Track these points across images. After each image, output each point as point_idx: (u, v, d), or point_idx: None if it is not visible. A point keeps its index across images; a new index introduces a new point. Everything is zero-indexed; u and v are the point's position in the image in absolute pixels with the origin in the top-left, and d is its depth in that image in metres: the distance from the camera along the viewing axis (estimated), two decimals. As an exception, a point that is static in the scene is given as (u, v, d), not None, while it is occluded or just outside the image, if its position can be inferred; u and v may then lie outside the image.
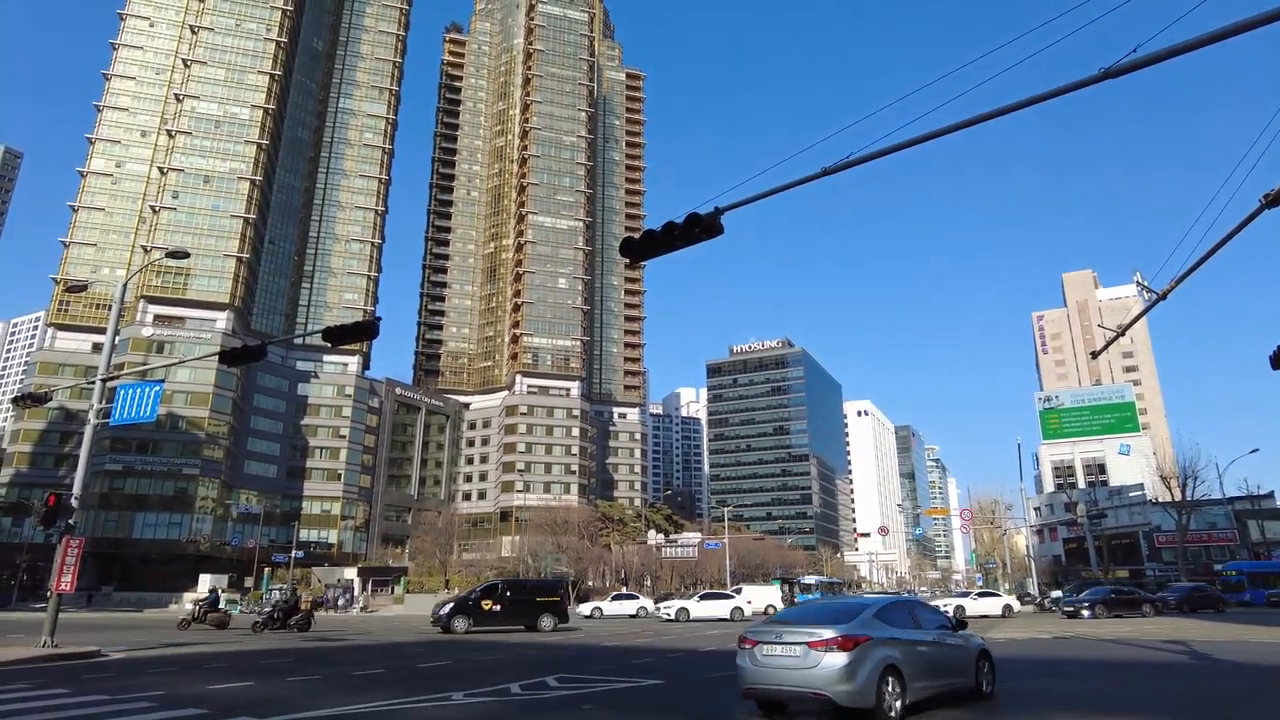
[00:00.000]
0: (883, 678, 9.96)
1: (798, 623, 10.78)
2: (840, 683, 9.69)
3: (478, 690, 13.88)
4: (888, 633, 10.62)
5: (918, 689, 10.60)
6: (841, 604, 11.95)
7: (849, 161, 11.20)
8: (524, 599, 35.83)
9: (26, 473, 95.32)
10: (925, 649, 11.26)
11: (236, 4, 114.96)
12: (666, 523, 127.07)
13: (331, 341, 18.89)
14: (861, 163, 11.16)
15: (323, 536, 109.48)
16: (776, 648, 10.35)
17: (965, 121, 10.38)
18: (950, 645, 11.99)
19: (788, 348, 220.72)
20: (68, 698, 13.22)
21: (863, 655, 9.88)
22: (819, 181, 11.61)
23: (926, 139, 10.61)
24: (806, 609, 12.29)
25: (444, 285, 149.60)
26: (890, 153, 10.90)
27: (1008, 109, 10.07)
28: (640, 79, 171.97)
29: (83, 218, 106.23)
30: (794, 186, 11.80)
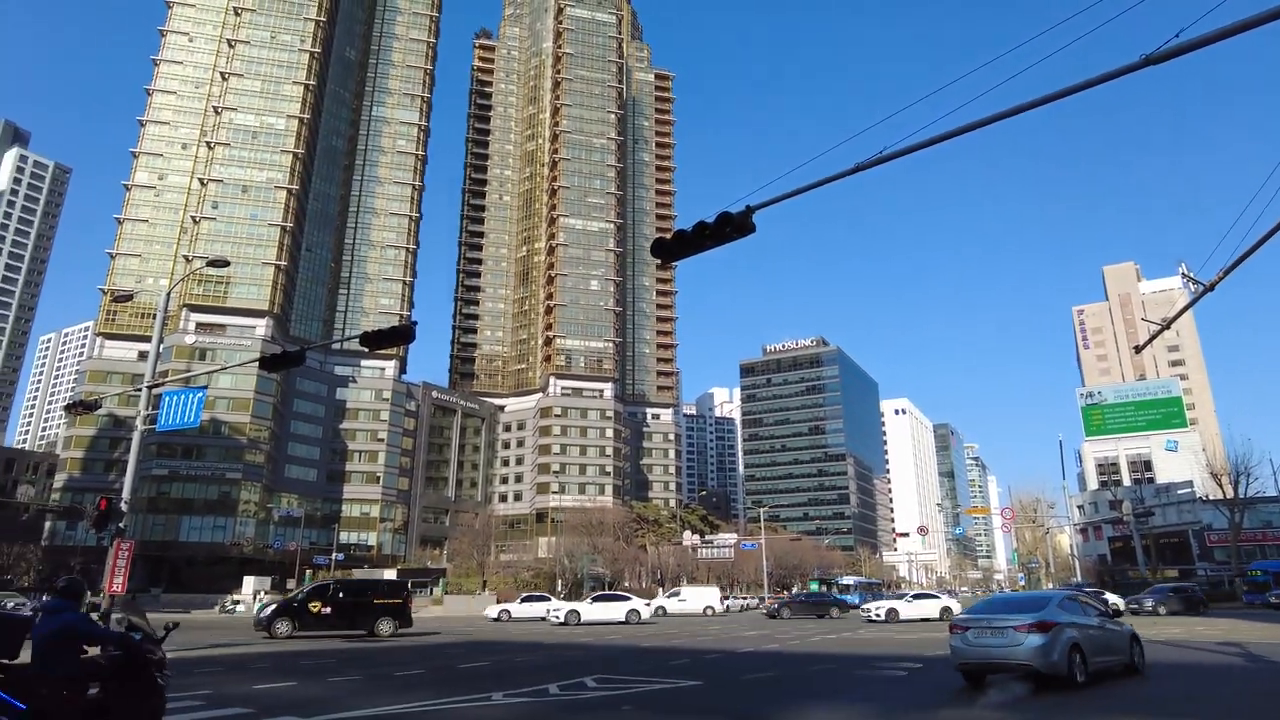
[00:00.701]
0: (1070, 652, 13.09)
1: (999, 612, 14.16)
2: (1041, 656, 12.90)
3: (517, 690, 13.96)
4: (1069, 618, 13.68)
5: (1095, 662, 13.67)
6: (1028, 597, 15.98)
7: (882, 157, 11.04)
8: (360, 601, 33.32)
9: (79, 478, 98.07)
10: (1095, 631, 14.25)
11: (271, 16, 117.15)
12: (702, 523, 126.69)
13: (369, 346, 19.11)
14: (895, 158, 10.99)
15: (362, 539, 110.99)
16: (985, 632, 13.67)
17: (1001, 113, 10.18)
18: (1111, 629, 14.95)
19: (822, 346, 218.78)
20: (120, 697, 13.56)
21: (1056, 635, 13.02)
22: (852, 177, 11.47)
23: (961, 132, 10.44)
24: (994, 601, 15.98)
25: (478, 289, 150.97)
26: (924, 147, 10.73)
27: (1045, 99, 9.86)
28: (669, 79, 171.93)
29: (128, 229, 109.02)
30: (826, 183, 11.66)
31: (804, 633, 33.62)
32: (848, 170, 11.34)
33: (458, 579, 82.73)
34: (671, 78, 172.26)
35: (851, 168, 11.29)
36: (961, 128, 10.39)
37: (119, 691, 7.67)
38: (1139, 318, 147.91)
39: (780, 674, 17.40)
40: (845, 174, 11.43)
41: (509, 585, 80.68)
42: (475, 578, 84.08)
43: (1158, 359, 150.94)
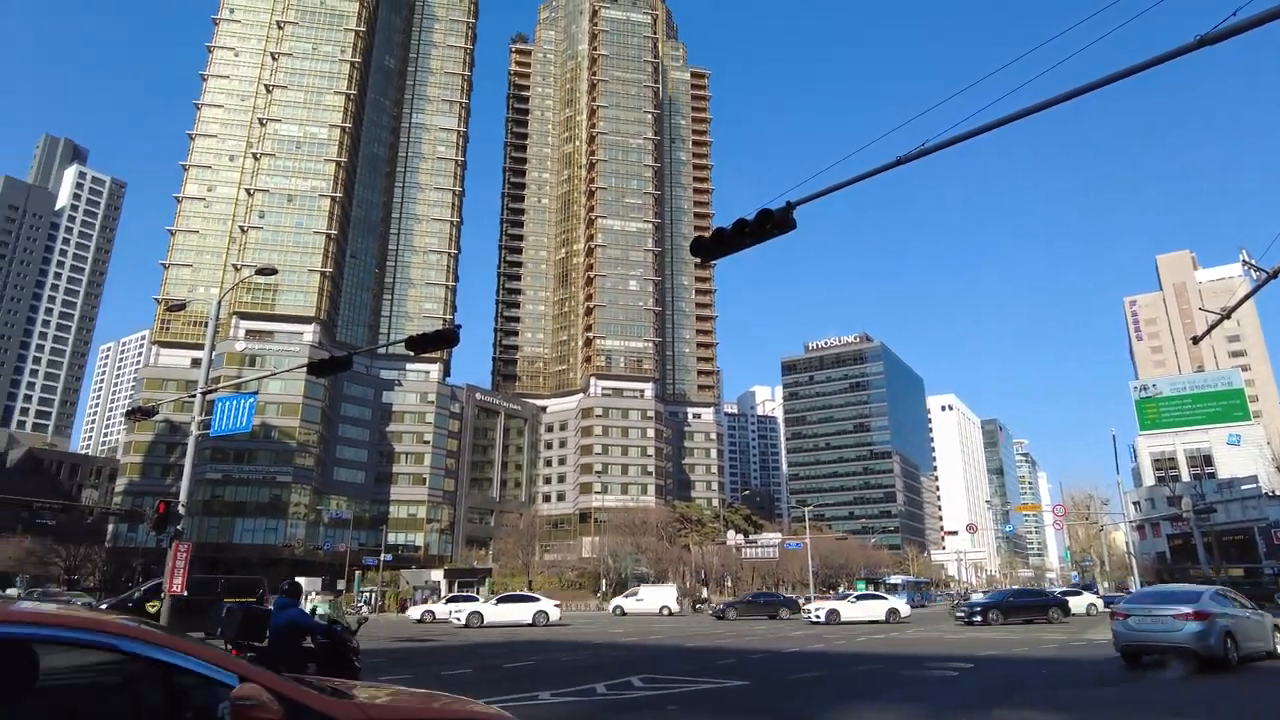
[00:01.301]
0: (1224, 638, 15.17)
1: (1158, 602, 16.21)
2: (1199, 640, 15.07)
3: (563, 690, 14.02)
4: (1221, 609, 15.75)
5: (1244, 648, 15.77)
6: (1184, 590, 17.61)
7: (924, 149, 10.84)
8: (197, 600, 28.92)
9: (138, 482, 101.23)
10: (1244, 620, 16.27)
11: (313, 28, 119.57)
12: (745, 523, 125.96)
13: (414, 350, 19.37)
14: (937, 150, 10.78)
15: (410, 539, 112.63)
16: (1146, 619, 15.96)
17: (1047, 101, 9.91)
18: (1255, 620, 16.92)
19: (865, 342, 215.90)
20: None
21: (1211, 623, 15.07)
22: (894, 170, 11.28)
23: (1005, 122, 10.17)
24: (1148, 593, 18.25)
25: (518, 291, 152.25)
26: (967, 138, 10.50)
27: (1095, 85, 9.56)
28: (705, 77, 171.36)
29: (179, 240, 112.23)
30: (868, 177, 11.49)
31: (739, 632, 33.96)
32: (890, 164, 11.15)
33: (503, 579, 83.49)
34: (707, 75, 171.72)
35: (893, 161, 11.09)
36: (1005, 117, 10.14)
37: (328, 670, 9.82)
38: (1196, 307, 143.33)
39: (826, 673, 17.24)
40: (887, 167, 11.23)
41: (554, 585, 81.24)
42: (521, 578, 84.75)
43: (1217, 350, 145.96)
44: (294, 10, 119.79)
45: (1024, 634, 29.88)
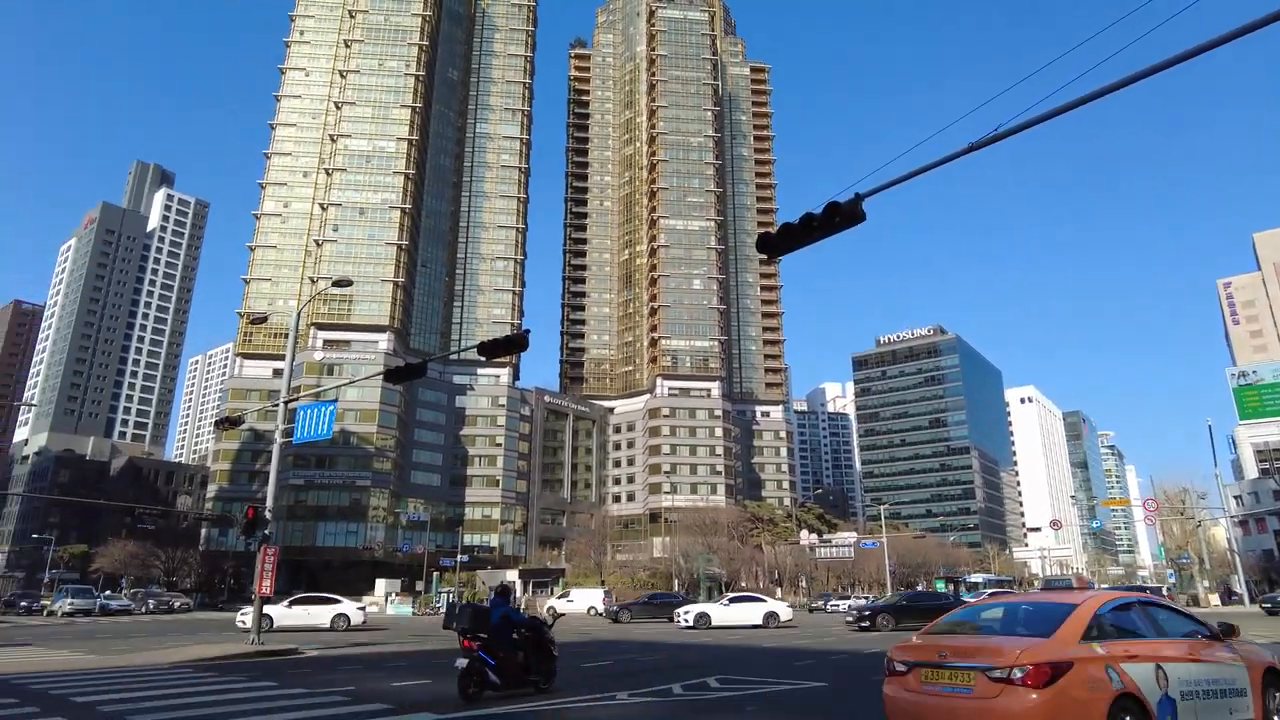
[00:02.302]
0: None
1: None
2: None
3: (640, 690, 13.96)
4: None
5: None
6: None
7: (997, 135, 10.39)
8: None
9: (228, 488, 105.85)
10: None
11: (378, 45, 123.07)
12: (819, 522, 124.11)
13: (486, 356, 19.64)
14: (1012, 134, 10.32)
15: (485, 540, 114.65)
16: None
17: (1128, 79, 9.35)
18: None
19: (939, 335, 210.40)
20: (275, 690, 14.49)
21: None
22: (966, 158, 10.85)
23: (1081, 103, 9.65)
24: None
25: (583, 294, 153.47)
26: (1042, 121, 10.01)
27: (1183, 56, 8.97)
28: (765, 72, 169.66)
29: (259, 255, 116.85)
30: (938, 166, 11.08)
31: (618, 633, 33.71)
32: (961, 151, 10.74)
33: (576, 579, 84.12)
34: (767, 70, 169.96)
35: (964, 148, 10.68)
36: (1082, 98, 9.61)
37: (534, 656, 13.68)
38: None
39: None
40: (959, 154, 10.82)
41: (626, 585, 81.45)
42: (593, 578, 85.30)
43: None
44: (360, 29, 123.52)
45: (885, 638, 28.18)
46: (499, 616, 13.59)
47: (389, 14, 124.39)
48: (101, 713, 11.92)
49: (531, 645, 13.68)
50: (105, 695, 13.75)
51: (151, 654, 22.09)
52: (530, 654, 13.59)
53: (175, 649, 23.66)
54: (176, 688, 14.89)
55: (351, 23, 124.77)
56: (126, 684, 15.48)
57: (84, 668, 18.59)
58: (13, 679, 16.05)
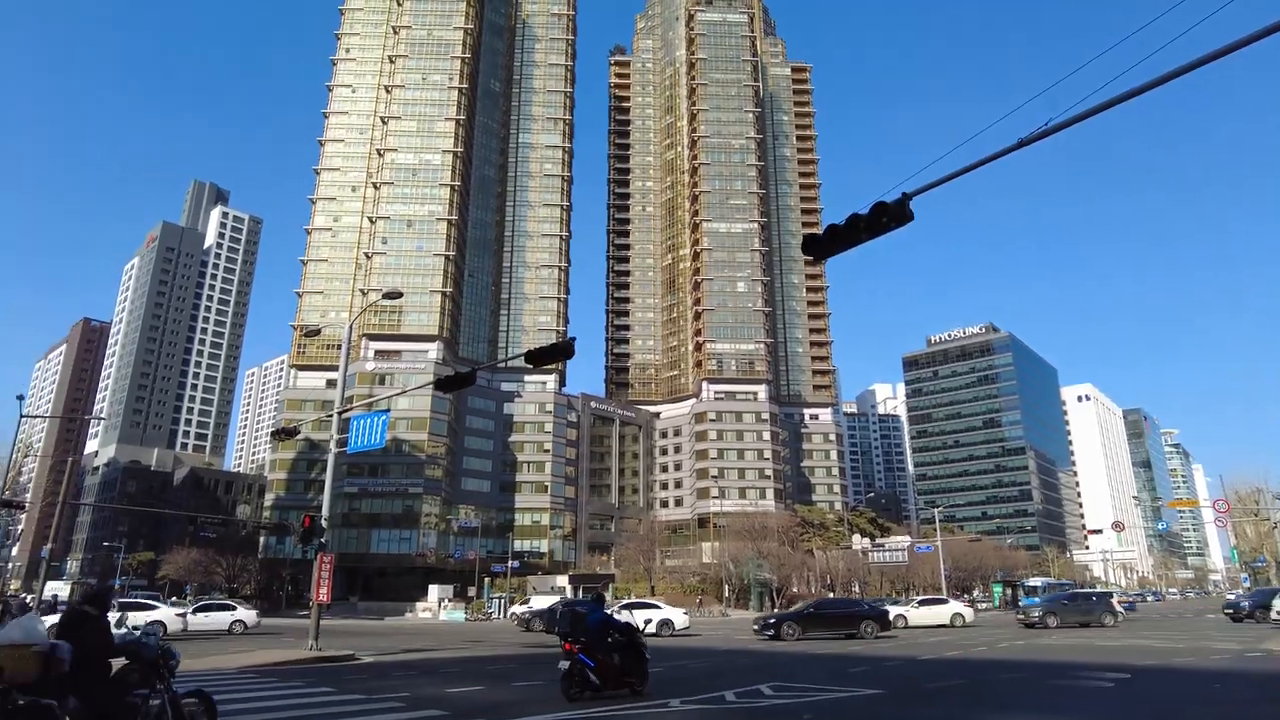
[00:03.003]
0: None
1: None
2: None
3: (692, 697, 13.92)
4: None
5: None
6: None
7: (1048, 129, 10.17)
8: None
9: (284, 497, 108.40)
10: None
11: (422, 59, 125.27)
12: (871, 526, 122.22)
13: (534, 364, 19.91)
14: (1061, 129, 10.09)
15: (535, 546, 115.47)
16: None
17: (1190, 65, 9.04)
18: None
19: (992, 333, 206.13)
20: (332, 695, 14.80)
21: None
22: (1016, 154, 10.63)
23: (1137, 94, 9.35)
24: None
25: (627, 300, 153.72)
26: (1096, 113, 9.75)
27: (1251, 39, 8.65)
28: (806, 71, 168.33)
29: (311, 269, 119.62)
30: (987, 163, 10.88)
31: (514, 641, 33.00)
32: (1011, 146, 10.54)
33: (626, 584, 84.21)
34: (808, 69, 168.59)
35: (1014, 144, 10.47)
36: (1140, 87, 9.33)
37: (628, 658, 14.43)
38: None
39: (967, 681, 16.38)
40: (1008, 151, 10.63)
41: (676, 590, 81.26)
42: (643, 583, 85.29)
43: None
44: (404, 44, 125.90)
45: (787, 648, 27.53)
46: (596, 621, 14.50)
47: (431, 28, 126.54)
48: (170, 717, 12.27)
49: (626, 649, 14.49)
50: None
51: (217, 659, 22.75)
52: (626, 657, 14.39)
53: (239, 654, 24.32)
54: (242, 693, 15.30)
55: (395, 39, 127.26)
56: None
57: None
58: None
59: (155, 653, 8.47)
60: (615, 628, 14.69)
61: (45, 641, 7.57)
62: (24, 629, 7.65)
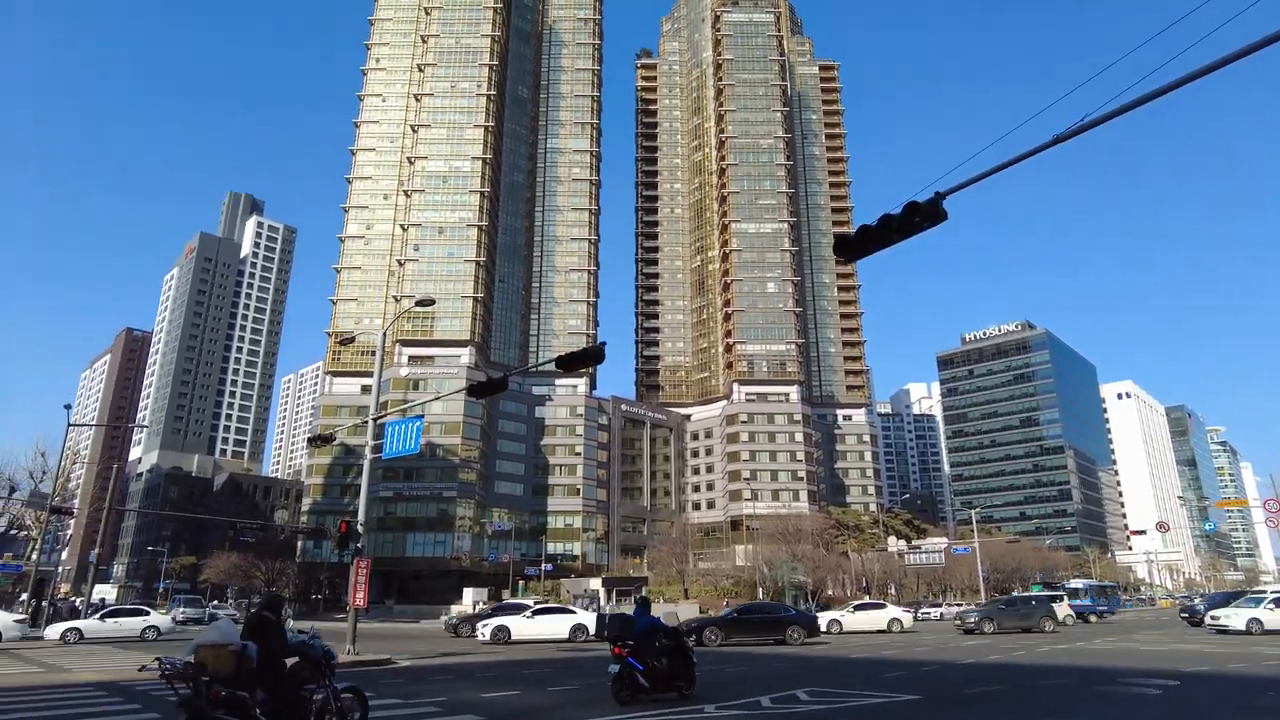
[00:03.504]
0: None
1: None
2: None
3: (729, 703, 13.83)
4: None
5: None
6: None
7: (1083, 125, 9.93)
8: None
9: (321, 502, 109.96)
10: None
11: (451, 67, 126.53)
12: (907, 528, 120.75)
13: (564, 368, 19.98)
14: (1098, 124, 9.85)
15: (567, 549, 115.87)
16: None
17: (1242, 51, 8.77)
18: None
19: (1028, 330, 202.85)
20: (371, 700, 14.86)
21: None
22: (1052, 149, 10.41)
23: (1185, 83, 9.10)
24: None
25: (656, 302, 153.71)
26: (1133, 108, 9.51)
27: None
28: (834, 69, 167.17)
29: (344, 277, 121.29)
30: (1021, 160, 10.67)
31: None
32: (1046, 144, 10.32)
33: (659, 587, 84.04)
34: (836, 67, 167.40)
35: (1050, 140, 10.26)
36: (1178, 80, 9.07)
37: (675, 663, 14.60)
38: None
39: (1008, 687, 16.07)
40: (1043, 148, 10.40)
41: (710, 593, 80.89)
42: (676, 585, 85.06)
43: None
44: (432, 53, 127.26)
45: None
46: (644, 625, 14.73)
47: (459, 36, 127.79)
48: None
49: (673, 653, 14.70)
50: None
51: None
52: (673, 661, 14.61)
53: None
54: (281, 697, 15.48)
55: (424, 47, 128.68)
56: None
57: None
58: (135, 686, 17.02)
59: (320, 653, 9.79)
60: (663, 632, 14.95)
61: (238, 642, 8.92)
62: (221, 632, 9.09)
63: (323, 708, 9.56)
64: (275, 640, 9.33)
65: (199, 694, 8.50)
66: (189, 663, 8.69)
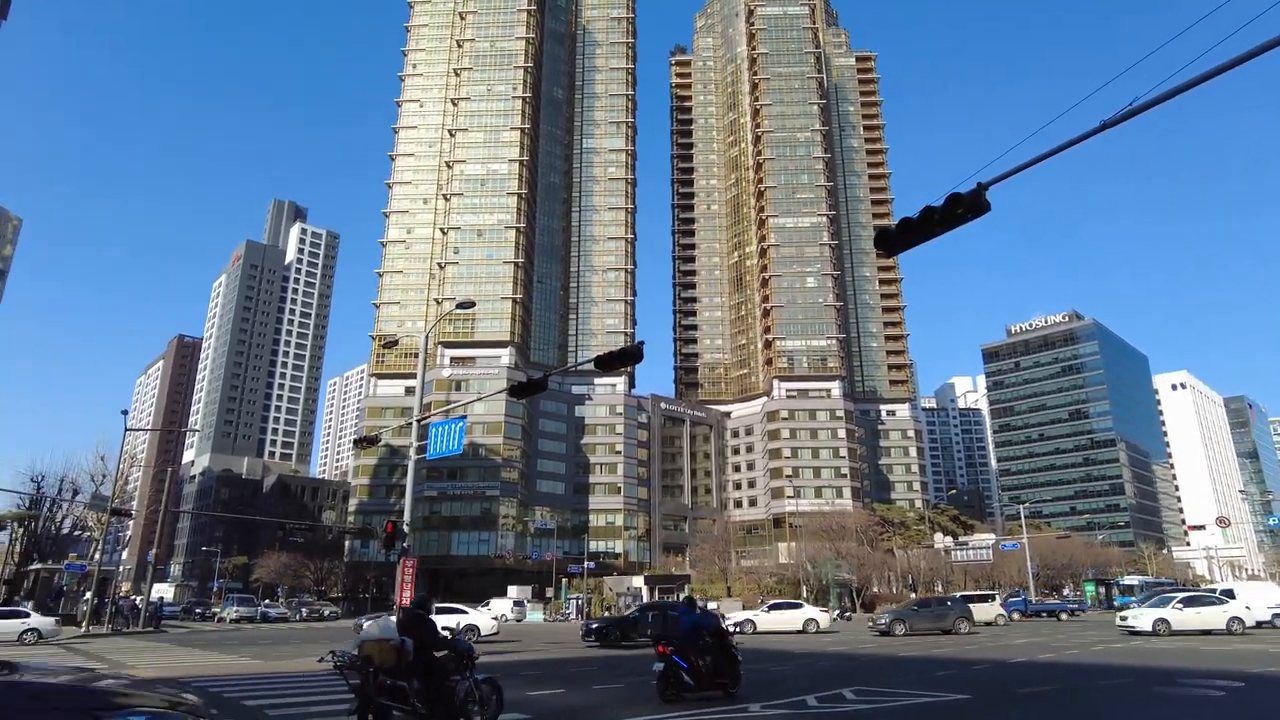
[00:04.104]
0: None
1: None
2: None
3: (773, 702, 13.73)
4: None
5: None
6: None
7: (1132, 110, 9.58)
8: None
9: (367, 502, 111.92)
10: None
11: (486, 71, 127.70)
12: (953, 524, 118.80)
13: (602, 368, 20.02)
14: (1148, 108, 9.52)
15: (609, 547, 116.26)
16: None
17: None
18: None
19: (1076, 320, 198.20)
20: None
21: None
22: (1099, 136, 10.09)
23: (1238, 64, 8.75)
24: None
25: (694, 300, 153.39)
26: (1187, 89, 9.18)
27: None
28: (870, 60, 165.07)
29: (387, 281, 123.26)
30: (1068, 148, 10.35)
31: None
32: (1093, 130, 9.98)
33: (702, 585, 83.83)
34: (873, 57, 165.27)
35: (1097, 126, 9.92)
36: (1231, 61, 8.73)
37: (722, 659, 14.78)
38: None
39: (1063, 686, 15.71)
40: (1090, 134, 10.07)
41: (753, 591, 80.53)
42: (720, 584, 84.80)
43: None
44: (468, 57, 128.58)
45: None
46: (688, 624, 14.86)
47: (494, 40, 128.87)
48: (269, 716, 12.79)
49: (717, 651, 14.83)
50: (271, 699, 14.76)
51: (308, 660, 23.57)
52: (720, 658, 14.75)
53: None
54: (332, 694, 15.80)
55: (459, 52, 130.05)
56: (288, 688, 16.57)
57: (251, 672, 20.04)
58: (193, 681, 17.49)
59: (465, 648, 11.05)
60: (707, 630, 15.01)
61: (398, 638, 10.36)
62: (383, 629, 10.63)
63: (466, 695, 10.69)
64: (427, 636, 10.64)
65: (366, 683, 9.95)
66: (356, 656, 10.15)
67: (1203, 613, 33.32)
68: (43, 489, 66.68)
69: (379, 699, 9.97)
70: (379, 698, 9.97)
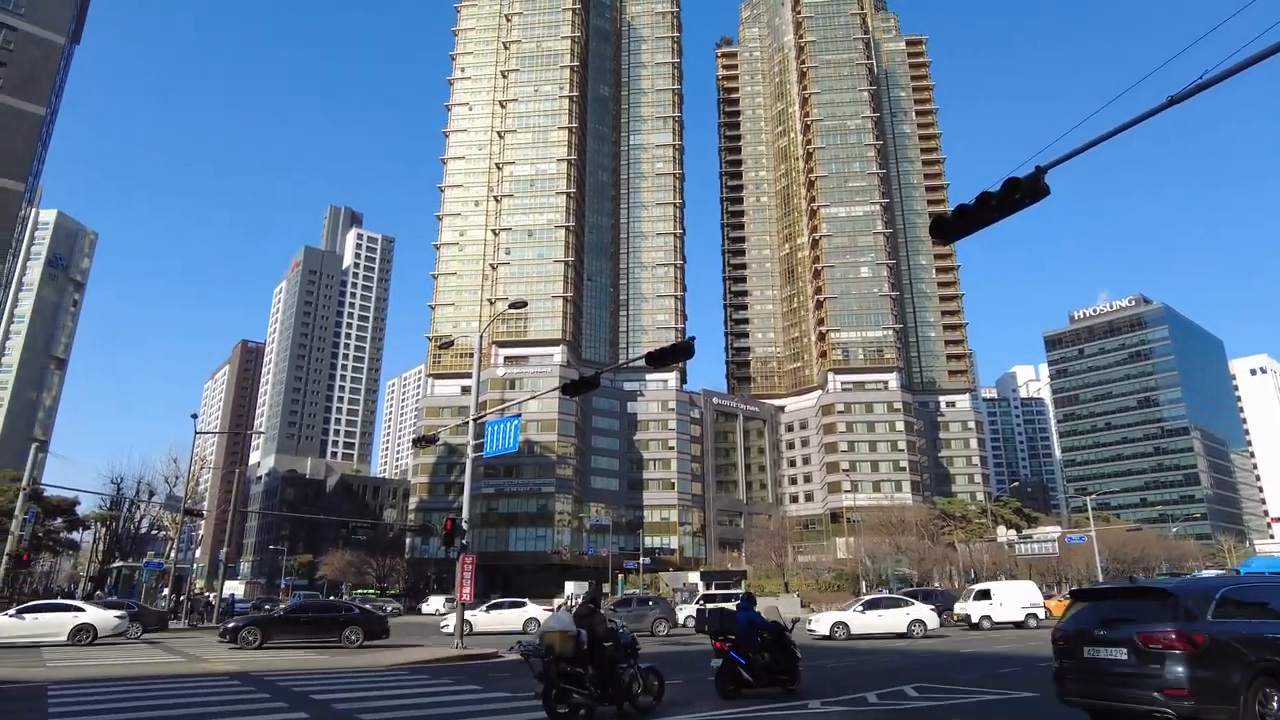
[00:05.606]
0: None
1: None
2: None
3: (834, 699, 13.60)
4: None
5: None
6: None
7: (1202, 84, 9.22)
8: None
9: (427, 500, 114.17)
10: None
11: (533, 72, 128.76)
12: (1016, 517, 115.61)
13: (654, 364, 20.09)
14: (1219, 81, 9.13)
15: (664, 543, 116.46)
16: None
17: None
18: None
19: (1144, 305, 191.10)
20: (480, 693, 15.41)
21: None
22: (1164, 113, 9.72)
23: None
24: None
25: (745, 293, 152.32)
26: (1266, 58, 8.77)
27: None
28: (921, 43, 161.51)
29: (441, 283, 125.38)
30: (1131, 126, 10.01)
31: None
32: (1160, 106, 9.65)
33: (758, 581, 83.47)
34: (924, 41, 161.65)
35: (1165, 102, 9.58)
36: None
37: (777, 656, 14.74)
38: None
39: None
40: (1157, 110, 9.73)
41: (810, 587, 79.89)
42: (776, 579, 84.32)
43: None
44: (515, 59, 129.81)
45: None
46: (745, 620, 14.96)
47: (540, 40, 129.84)
48: (336, 710, 13.18)
49: (775, 647, 14.88)
50: (337, 694, 15.19)
51: (372, 656, 24.18)
52: (775, 654, 14.80)
53: (391, 651, 25.76)
54: (396, 689, 16.19)
55: (506, 54, 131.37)
56: (353, 684, 17.04)
57: (318, 668, 20.65)
58: (264, 676, 18.12)
59: (628, 639, 12.23)
60: (763, 626, 15.05)
61: (574, 629, 11.44)
62: (562, 621, 11.69)
63: (632, 681, 11.84)
64: (599, 627, 11.82)
65: (549, 669, 11.18)
66: (539, 644, 11.39)
67: (885, 615, 32.32)
68: (122, 490, 69.85)
69: (559, 684, 11.19)
70: (559, 683, 11.19)
